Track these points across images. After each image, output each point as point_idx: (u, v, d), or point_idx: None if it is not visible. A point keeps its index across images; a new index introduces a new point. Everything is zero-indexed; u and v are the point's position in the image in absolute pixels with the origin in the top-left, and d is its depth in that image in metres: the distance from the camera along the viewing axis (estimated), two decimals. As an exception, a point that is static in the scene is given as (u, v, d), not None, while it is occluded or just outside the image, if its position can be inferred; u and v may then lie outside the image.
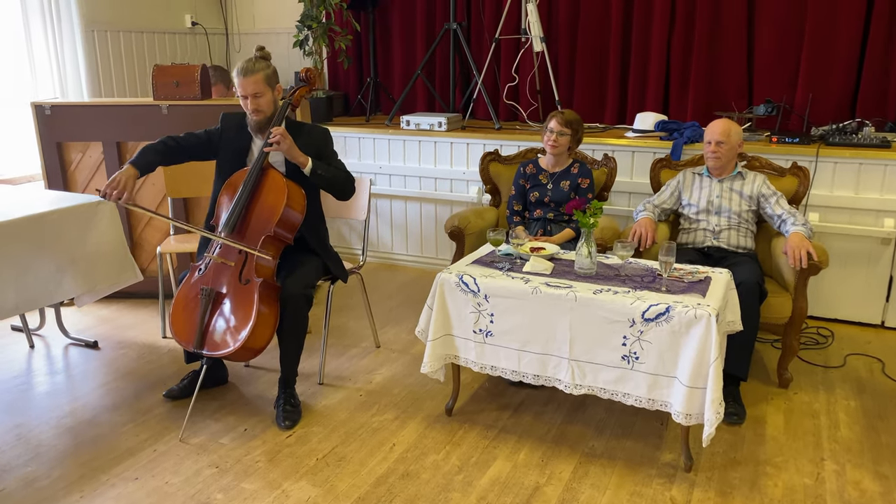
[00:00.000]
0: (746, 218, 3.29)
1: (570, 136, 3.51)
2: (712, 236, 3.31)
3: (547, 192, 3.56)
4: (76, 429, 2.79)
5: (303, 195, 2.84)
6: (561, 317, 2.51)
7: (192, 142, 2.92)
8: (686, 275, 2.65)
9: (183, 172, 3.69)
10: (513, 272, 2.71)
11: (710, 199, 3.33)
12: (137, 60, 5.24)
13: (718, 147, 3.25)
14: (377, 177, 4.80)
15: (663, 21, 4.45)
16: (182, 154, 2.92)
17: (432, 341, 2.72)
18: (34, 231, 3.00)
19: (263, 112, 2.84)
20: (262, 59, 2.83)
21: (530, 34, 4.40)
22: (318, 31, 4.83)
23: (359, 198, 3.42)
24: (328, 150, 2.98)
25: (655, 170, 3.65)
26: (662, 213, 3.46)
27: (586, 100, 4.80)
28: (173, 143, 2.89)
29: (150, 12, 5.30)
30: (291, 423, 2.78)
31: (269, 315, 2.70)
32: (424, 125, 4.56)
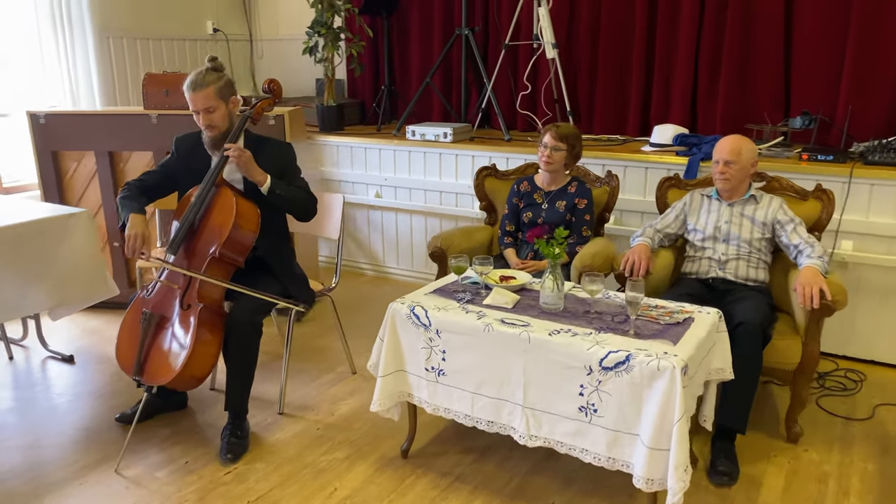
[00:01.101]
0: (758, 247, 2.92)
1: (566, 152, 3.22)
2: (717, 266, 2.95)
3: (541, 212, 3.28)
4: (15, 451, 2.69)
5: (256, 214, 2.66)
6: (515, 358, 2.24)
7: (153, 181, 2.78)
8: (664, 315, 2.33)
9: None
10: (472, 305, 2.45)
11: (718, 224, 2.97)
12: (155, 68, 5.22)
13: (727, 167, 2.90)
14: (382, 189, 4.60)
15: (691, 24, 4.08)
16: (155, 193, 2.78)
17: (383, 377, 2.49)
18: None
19: (217, 128, 2.68)
20: (214, 71, 2.67)
21: (542, 40, 4.11)
22: (328, 36, 4.67)
23: (331, 216, 3.22)
24: (291, 167, 2.80)
25: (662, 189, 3.31)
26: (666, 239, 3.12)
27: (608, 110, 4.47)
28: (141, 186, 2.74)
29: (170, 19, 5.27)
30: (234, 457, 2.60)
31: (210, 343, 2.53)
32: (430, 136, 4.33)
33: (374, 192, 4.62)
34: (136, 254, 2.53)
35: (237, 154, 2.58)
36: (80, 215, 3.23)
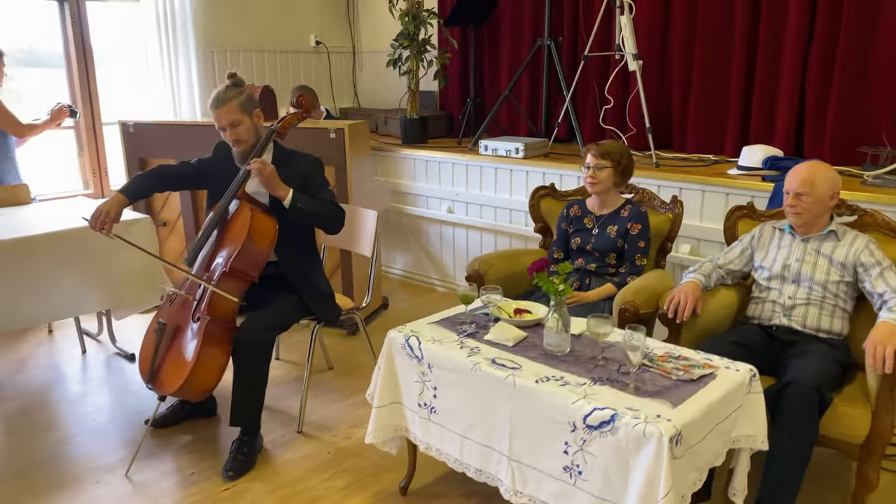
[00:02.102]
0: (835, 292, 2.49)
1: (612, 170, 2.94)
2: (782, 312, 2.55)
3: (591, 237, 3.01)
4: (47, 442, 2.83)
5: (273, 229, 2.63)
6: (501, 404, 2.03)
7: (184, 171, 2.85)
8: (682, 368, 2.02)
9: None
10: (472, 339, 2.27)
11: (788, 262, 2.57)
12: (257, 80, 5.43)
13: (798, 200, 2.50)
14: (455, 204, 4.47)
15: (800, 31, 3.60)
16: (174, 182, 2.86)
17: (378, 408, 2.36)
18: (56, 247, 3.11)
19: (245, 141, 2.68)
20: (234, 87, 2.68)
21: (624, 51, 3.80)
22: (413, 48, 4.62)
23: (364, 231, 3.13)
24: (315, 180, 2.75)
25: (732, 219, 2.92)
26: (729, 276, 2.75)
27: (702, 127, 4.06)
28: (165, 172, 2.83)
29: (274, 34, 5.46)
30: (235, 475, 2.58)
31: (215, 356, 2.52)
32: (501, 151, 4.15)
33: (447, 207, 4.50)
34: (97, 227, 2.59)
35: (259, 168, 2.57)
36: (141, 221, 3.38)
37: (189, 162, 2.87)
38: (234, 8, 5.15)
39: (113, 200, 2.66)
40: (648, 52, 4.15)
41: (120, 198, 2.67)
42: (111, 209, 2.62)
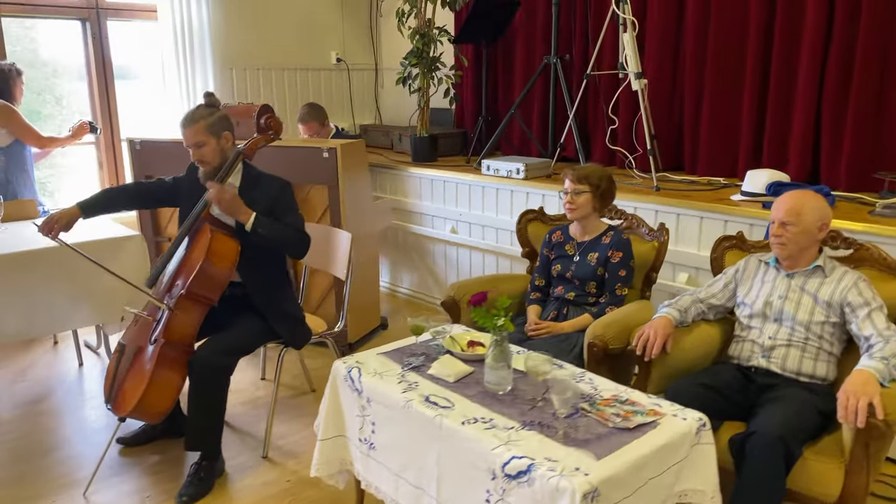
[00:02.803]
0: (819, 333, 2.30)
1: (591, 194, 2.81)
2: (761, 352, 2.37)
3: (571, 265, 2.88)
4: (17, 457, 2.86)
5: (233, 251, 2.61)
6: (431, 444, 1.94)
7: (158, 188, 2.86)
8: (623, 414, 1.88)
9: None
10: (415, 372, 2.18)
11: (770, 299, 2.39)
12: (277, 97, 5.48)
13: (783, 229, 2.32)
14: (458, 224, 4.38)
15: (814, 52, 3.39)
16: (145, 200, 2.88)
17: (322, 441, 2.30)
18: (49, 263, 3.16)
19: (208, 162, 2.67)
20: (207, 107, 2.67)
21: (627, 70, 3.65)
22: (422, 66, 4.57)
23: (338, 253, 3.08)
24: (282, 204, 2.71)
25: (719, 250, 2.75)
26: (712, 312, 2.58)
27: (714, 149, 3.86)
28: (138, 189, 2.85)
29: (294, 51, 5.50)
30: (188, 500, 2.55)
31: (170, 379, 2.51)
32: (503, 171, 4.04)
33: (451, 227, 4.42)
34: (45, 232, 2.63)
35: (215, 195, 2.55)
36: (134, 238, 3.41)
37: (164, 179, 2.88)
38: (253, 25, 5.21)
39: (67, 211, 2.70)
40: (659, 71, 3.99)
41: (74, 210, 2.71)
42: (62, 218, 2.67)
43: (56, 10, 4.60)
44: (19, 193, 4.03)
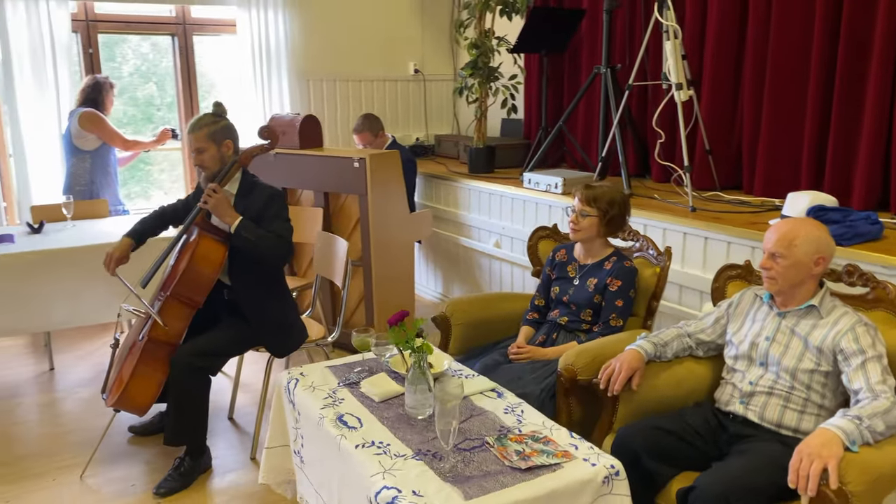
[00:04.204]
0: (807, 382, 2.01)
1: (597, 219, 2.63)
2: (739, 398, 2.11)
3: (570, 288, 2.72)
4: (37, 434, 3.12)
5: (218, 253, 2.69)
6: (335, 464, 1.89)
7: (171, 210, 3.01)
8: (529, 453, 1.73)
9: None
10: (349, 388, 2.14)
11: (757, 340, 2.13)
12: (353, 108, 5.61)
13: (772, 261, 2.06)
14: (502, 238, 4.27)
15: (884, 65, 2.98)
16: (172, 219, 3.01)
17: (268, 449, 2.31)
18: (90, 259, 3.43)
19: (208, 168, 2.78)
20: (213, 115, 2.78)
21: (671, 81, 3.39)
22: (479, 76, 4.51)
23: (336, 260, 3.08)
24: (269, 211, 2.76)
25: (721, 280, 2.47)
26: (702, 348, 2.34)
27: (774, 169, 3.49)
28: (164, 211, 3.02)
29: (370, 62, 5.61)
30: (166, 492, 2.66)
31: (150, 376, 2.63)
32: (543, 185, 3.89)
33: (495, 240, 4.31)
34: (107, 269, 2.79)
35: (207, 196, 2.65)
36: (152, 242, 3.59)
37: (181, 200, 3.03)
38: (329, 38, 5.38)
39: (120, 244, 2.87)
40: (717, 83, 3.68)
41: (127, 241, 2.88)
42: (116, 252, 2.83)
43: (148, 27, 5.00)
44: (101, 194, 4.41)
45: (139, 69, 5.40)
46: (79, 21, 4.64)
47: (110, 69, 5.09)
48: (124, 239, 2.88)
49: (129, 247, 2.87)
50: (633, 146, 4.23)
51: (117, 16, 4.84)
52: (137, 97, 5.46)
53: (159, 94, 5.38)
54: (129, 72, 5.37)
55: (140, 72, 5.40)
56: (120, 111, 5.52)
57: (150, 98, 5.45)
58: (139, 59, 5.37)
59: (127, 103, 5.45)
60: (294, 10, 5.11)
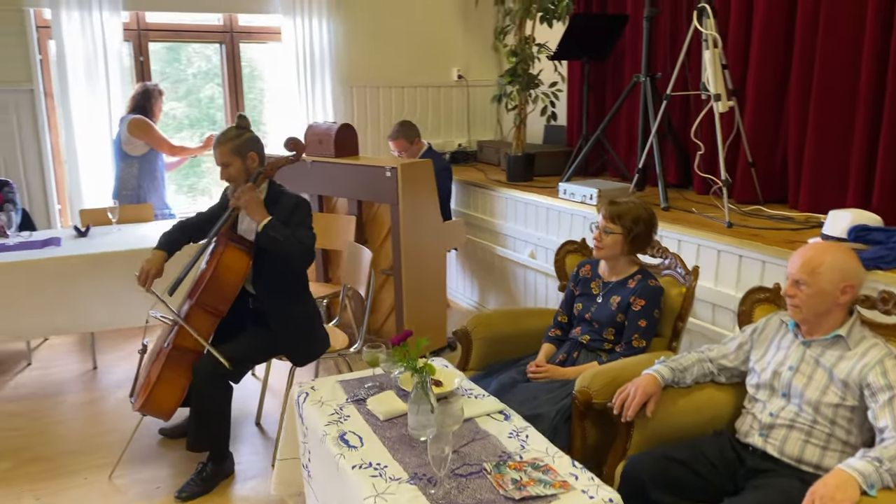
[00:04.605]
0: (830, 417, 1.91)
1: (621, 237, 2.56)
2: (759, 430, 2.02)
3: (592, 305, 2.66)
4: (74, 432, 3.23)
5: (242, 263, 2.74)
6: (335, 484, 1.89)
7: (200, 219, 3.03)
8: (526, 482, 1.69)
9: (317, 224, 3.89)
10: (357, 404, 2.14)
11: (780, 369, 2.03)
12: (395, 114, 5.63)
13: (795, 288, 1.97)
14: (537, 249, 4.21)
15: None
16: (195, 231, 3.03)
17: (280, 461, 2.34)
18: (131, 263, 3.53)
19: (235, 180, 2.83)
20: (236, 128, 2.82)
21: (710, 91, 3.28)
22: (518, 83, 4.46)
23: (361, 269, 3.09)
24: (293, 219, 2.78)
25: (748, 303, 2.37)
26: (724, 374, 2.25)
27: (820, 184, 3.34)
28: (186, 224, 3.04)
29: (413, 68, 5.61)
30: (187, 496, 2.71)
31: (172, 383, 2.69)
32: (578, 196, 3.82)
33: (530, 251, 4.26)
34: (141, 283, 2.82)
35: (238, 196, 2.70)
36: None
37: (201, 213, 3.05)
38: (373, 44, 5.41)
39: (154, 258, 2.87)
40: (762, 93, 3.54)
41: (160, 254, 2.90)
42: (152, 268, 2.84)
43: (198, 35, 5.14)
44: (148, 198, 4.55)
45: (202, 70, 5.57)
46: (130, 30, 4.79)
47: (176, 70, 5.27)
48: (157, 252, 2.90)
49: (164, 260, 2.90)
50: (675, 156, 4.11)
51: (168, 24, 4.98)
52: (200, 98, 5.65)
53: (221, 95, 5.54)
54: (192, 73, 5.56)
55: (202, 73, 5.58)
56: (182, 112, 5.74)
57: (212, 99, 5.61)
58: (203, 61, 5.54)
59: (191, 104, 5.66)
60: (338, 17, 5.16)
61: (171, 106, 5.66)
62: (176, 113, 5.59)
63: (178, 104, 5.69)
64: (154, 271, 2.83)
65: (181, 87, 5.81)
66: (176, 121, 5.62)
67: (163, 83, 4.90)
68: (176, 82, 5.68)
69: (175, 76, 5.56)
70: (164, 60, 5.44)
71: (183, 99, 5.71)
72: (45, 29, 4.53)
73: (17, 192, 4.09)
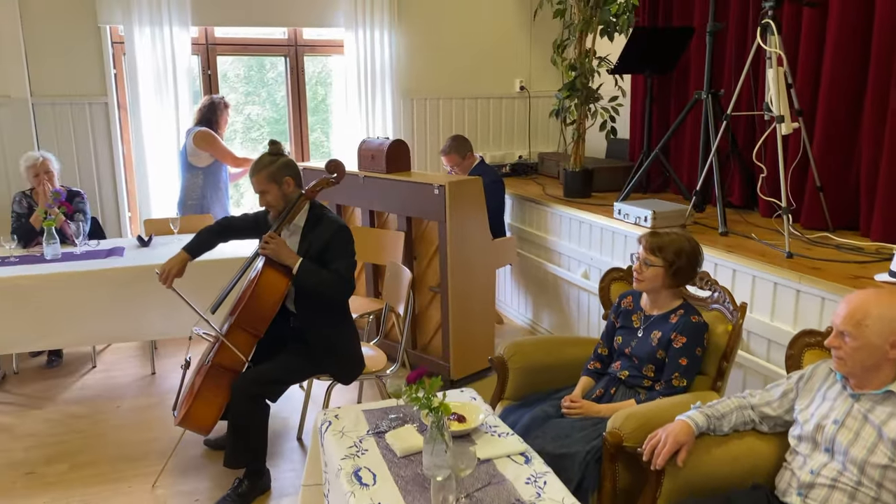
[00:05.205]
0: (878, 479, 1.77)
1: (662, 270, 2.45)
2: (797, 489, 1.88)
3: (633, 339, 2.56)
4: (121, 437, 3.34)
5: (280, 284, 2.77)
6: (347, 520, 1.87)
7: (242, 223, 3.11)
8: (531, 537, 1.63)
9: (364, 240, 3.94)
10: (377, 437, 2.12)
11: (824, 422, 1.89)
12: (455, 125, 5.61)
13: (840, 340, 1.83)
14: (591, 269, 4.09)
15: None
16: (235, 233, 3.11)
17: (305, 486, 2.34)
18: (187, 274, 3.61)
19: (273, 206, 2.87)
20: (270, 156, 2.86)
21: (773, 112, 3.09)
22: (577, 97, 4.35)
23: (401, 289, 3.07)
24: (334, 248, 2.80)
25: (797, 347, 2.21)
26: (766, 423, 2.11)
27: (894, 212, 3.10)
28: (227, 224, 3.12)
29: (474, 79, 5.57)
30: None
31: (211, 400, 2.74)
32: (632, 217, 3.69)
33: (583, 270, 4.14)
34: (162, 281, 2.91)
35: (265, 243, 2.74)
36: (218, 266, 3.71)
37: (246, 214, 3.14)
38: (434, 57, 5.41)
39: (177, 258, 2.97)
40: (833, 115, 3.32)
41: (183, 255, 2.99)
42: (174, 267, 2.94)
43: (264, 49, 5.26)
44: (212, 208, 4.69)
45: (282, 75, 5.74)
46: (199, 45, 4.94)
47: (259, 75, 5.42)
48: (182, 254, 2.97)
49: (186, 261, 2.97)
50: (740, 176, 3.91)
51: (235, 39, 5.12)
52: (276, 100, 5.83)
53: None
54: (273, 76, 5.74)
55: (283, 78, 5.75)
56: (262, 116, 5.95)
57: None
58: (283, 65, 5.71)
59: (269, 109, 5.84)
60: (399, 30, 5.19)
61: (252, 109, 5.88)
62: (254, 115, 5.78)
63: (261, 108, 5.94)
64: (175, 271, 2.91)
65: (263, 91, 6.03)
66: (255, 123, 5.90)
67: (244, 87, 5.05)
68: (258, 85, 5.89)
69: (257, 78, 5.76)
70: (247, 65, 5.64)
71: (266, 101, 5.94)
72: (119, 44, 4.74)
73: (88, 203, 4.28)
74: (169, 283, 2.94)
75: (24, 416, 3.61)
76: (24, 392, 3.91)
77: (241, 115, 6.22)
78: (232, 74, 5.91)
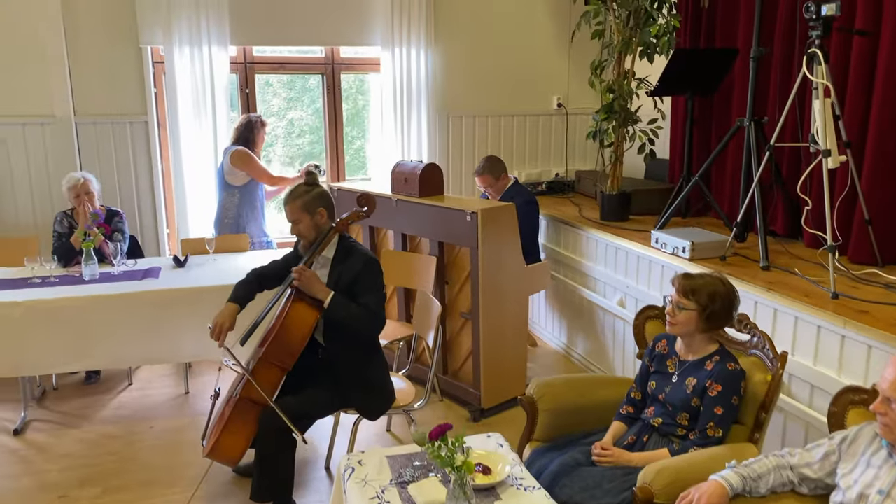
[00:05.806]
0: (924, 559, 1.66)
1: (696, 314, 2.36)
2: (837, 562, 1.78)
3: (667, 385, 2.48)
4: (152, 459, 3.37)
5: (309, 318, 2.76)
6: (367, 577, 1.84)
7: (272, 270, 3.07)
8: None
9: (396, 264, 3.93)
10: (400, 487, 2.08)
11: (867, 491, 1.80)
12: (491, 143, 5.57)
13: (887, 406, 1.74)
14: (627, 298, 4.00)
15: None
16: (269, 281, 3.06)
17: (328, 529, 2.32)
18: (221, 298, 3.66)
19: (305, 237, 2.87)
20: (305, 185, 2.85)
21: (819, 144, 2.97)
22: (615, 119, 4.27)
23: (430, 320, 3.03)
24: (364, 282, 2.78)
25: (840, 404, 2.11)
26: (806, 485, 2.02)
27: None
28: (259, 272, 3.08)
29: (511, 97, 5.53)
30: (248, 543, 2.77)
31: (239, 432, 2.74)
32: (670, 246, 3.59)
33: (619, 298, 4.05)
34: (214, 338, 2.87)
35: (297, 274, 2.73)
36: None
37: (276, 261, 3.09)
38: (471, 74, 5.37)
39: (227, 311, 2.90)
40: (883, 146, 3.18)
41: (233, 307, 2.94)
42: (225, 322, 2.86)
43: (300, 68, 5.29)
44: (248, 226, 4.72)
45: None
46: (237, 63, 4.99)
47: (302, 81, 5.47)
48: (230, 305, 2.93)
49: (236, 312, 2.93)
50: (784, 205, 3.78)
51: (273, 58, 5.16)
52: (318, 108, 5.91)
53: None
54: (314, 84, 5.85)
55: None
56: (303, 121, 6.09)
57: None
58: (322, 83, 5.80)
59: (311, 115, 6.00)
60: (436, 49, 5.16)
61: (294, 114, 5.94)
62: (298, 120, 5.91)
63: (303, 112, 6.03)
64: (227, 325, 2.87)
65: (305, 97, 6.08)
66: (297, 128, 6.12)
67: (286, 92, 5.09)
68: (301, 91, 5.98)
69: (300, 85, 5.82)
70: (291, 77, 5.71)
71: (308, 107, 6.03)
72: (160, 64, 4.81)
73: (126, 222, 4.34)
74: (222, 341, 2.84)
75: (60, 436, 3.67)
76: (62, 409, 3.98)
77: (284, 119, 6.32)
78: (275, 80, 6.00)
